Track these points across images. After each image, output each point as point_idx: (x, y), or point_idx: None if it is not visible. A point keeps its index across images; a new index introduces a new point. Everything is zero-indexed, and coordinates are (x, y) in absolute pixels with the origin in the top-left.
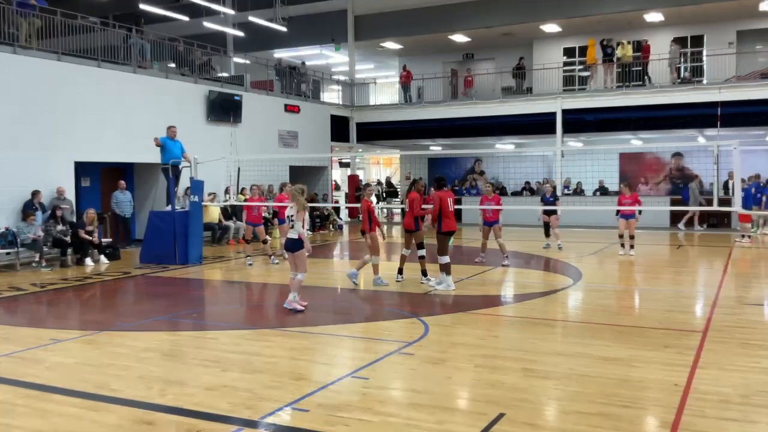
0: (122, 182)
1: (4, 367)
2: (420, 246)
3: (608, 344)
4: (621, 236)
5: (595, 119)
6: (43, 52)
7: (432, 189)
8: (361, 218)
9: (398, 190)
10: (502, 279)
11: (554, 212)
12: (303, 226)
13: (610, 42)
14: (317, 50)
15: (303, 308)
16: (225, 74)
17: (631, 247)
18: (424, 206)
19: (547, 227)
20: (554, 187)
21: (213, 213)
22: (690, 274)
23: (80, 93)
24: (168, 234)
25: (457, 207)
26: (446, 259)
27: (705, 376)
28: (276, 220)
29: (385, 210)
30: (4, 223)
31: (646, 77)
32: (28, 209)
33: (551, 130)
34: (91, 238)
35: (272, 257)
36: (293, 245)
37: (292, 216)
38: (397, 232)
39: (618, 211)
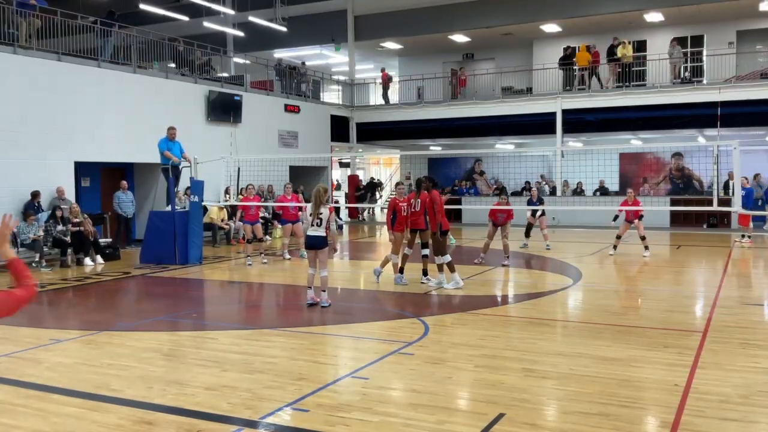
0: (124, 182)
1: (4, 367)
2: (424, 245)
3: (608, 344)
4: (618, 237)
5: (595, 119)
6: (43, 52)
7: (425, 190)
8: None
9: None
10: (502, 279)
11: (541, 213)
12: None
13: (615, 40)
14: (317, 50)
15: (329, 303)
16: (225, 74)
17: (646, 248)
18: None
19: (529, 228)
20: (538, 190)
21: (214, 213)
22: (690, 274)
23: (80, 93)
24: (168, 234)
25: (457, 207)
26: (448, 258)
27: (705, 376)
28: (278, 221)
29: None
30: None
31: (596, 78)
32: (28, 209)
33: (551, 130)
34: (81, 228)
35: (262, 255)
36: (321, 242)
37: (320, 214)
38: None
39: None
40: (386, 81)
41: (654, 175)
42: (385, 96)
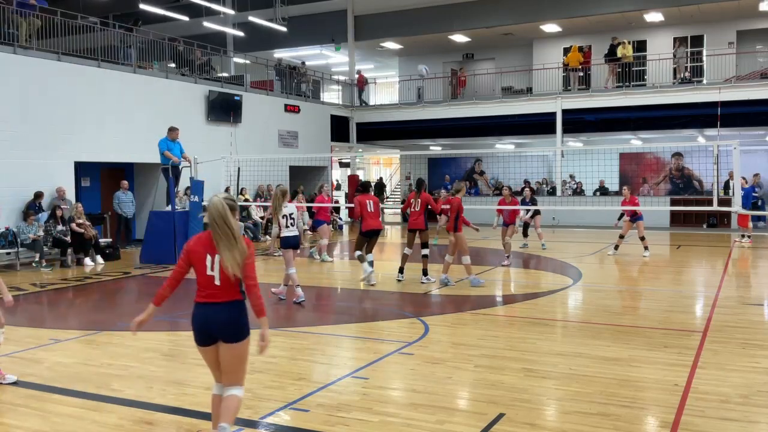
0: (125, 182)
1: (4, 367)
2: (424, 245)
3: (608, 344)
4: (621, 237)
5: (595, 119)
6: (43, 52)
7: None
8: (446, 218)
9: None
10: (502, 279)
11: (536, 213)
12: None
13: (614, 40)
14: (317, 50)
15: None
16: (225, 74)
17: (645, 248)
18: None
19: (525, 227)
20: (532, 190)
21: None
22: (690, 274)
23: (80, 93)
24: (168, 234)
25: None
26: (358, 252)
27: (705, 376)
28: (311, 221)
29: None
30: (5, 223)
31: (584, 79)
32: (30, 210)
33: (551, 130)
34: (82, 230)
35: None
36: (297, 242)
37: (292, 214)
38: (396, 233)
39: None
40: (361, 83)
41: (654, 175)
42: (360, 98)
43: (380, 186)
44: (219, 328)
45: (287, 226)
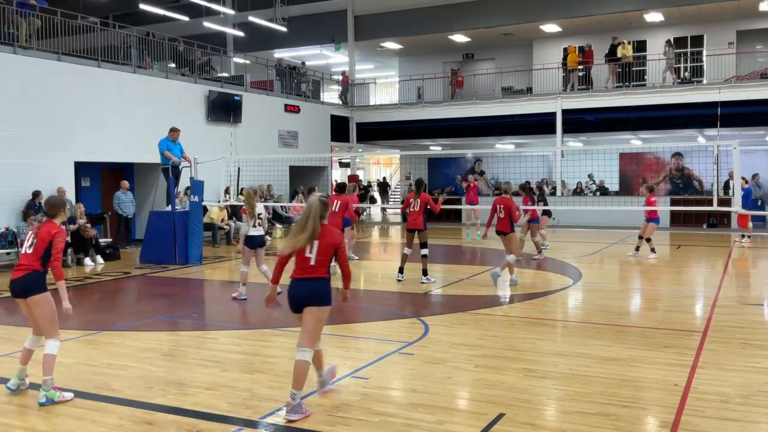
0: (125, 182)
1: (4, 367)
2: (423, 246)
3: (608, 344)
4: (640, 237)
5: (595, 119)
6: (43, 52)
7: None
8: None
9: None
10: (502, 279)
11: (544, 213)
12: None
13: (615, 40)
14: (317, 50)
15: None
16: (225, 74)
17: (652, 250)
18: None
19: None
20: (540, 189)
21: (214, 213)
22: (690, 274)
23: (80, 93)
24: (168, 234)
25: (458, 207)
26: None
27: (705, 376)
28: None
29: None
30: (5, 223)
31: (585, 79)
32: (29, 209)
33: (551, 130)
34: (79, 227)
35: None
36: (262, 241)
37: (260, 214)
38: (397, 232)
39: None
40: (345, 83)
41: (654, 175)
42: (342, 97)
43: (383, 186)
44: (307, 296)
45: (254, 226)
